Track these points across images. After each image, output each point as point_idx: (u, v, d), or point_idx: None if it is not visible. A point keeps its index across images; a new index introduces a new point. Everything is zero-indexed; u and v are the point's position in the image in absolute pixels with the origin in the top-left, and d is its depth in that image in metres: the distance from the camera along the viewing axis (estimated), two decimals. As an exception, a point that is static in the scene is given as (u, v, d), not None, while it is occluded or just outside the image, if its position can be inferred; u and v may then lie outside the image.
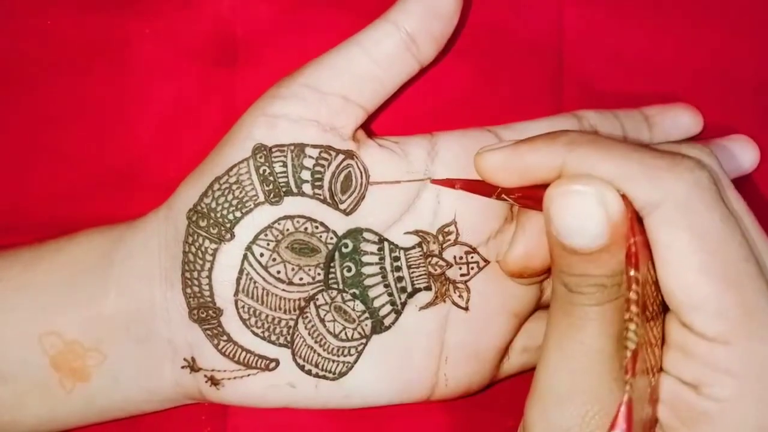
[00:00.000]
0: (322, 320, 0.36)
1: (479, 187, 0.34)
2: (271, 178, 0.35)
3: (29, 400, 0.35)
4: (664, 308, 0.30)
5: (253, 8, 0.41)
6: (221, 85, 0.41)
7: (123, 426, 0.39)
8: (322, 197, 0.35)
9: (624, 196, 0.29)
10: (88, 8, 0.40)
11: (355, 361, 0.36)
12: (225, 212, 0.35)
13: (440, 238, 0.37)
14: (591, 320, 0.29)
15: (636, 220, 0.29)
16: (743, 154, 0.41)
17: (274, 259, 0.35)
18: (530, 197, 0.33)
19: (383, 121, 0.40)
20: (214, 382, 0.35)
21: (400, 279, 0.36)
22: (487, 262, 0.37)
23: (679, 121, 0.41)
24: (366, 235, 0.36)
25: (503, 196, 0.33)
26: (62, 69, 0.40)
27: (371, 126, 0.40)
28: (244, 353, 0.35)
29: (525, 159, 0.32)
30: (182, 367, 0.35)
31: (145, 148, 0.41)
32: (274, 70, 0.37)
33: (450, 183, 0.35)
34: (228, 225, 0.35)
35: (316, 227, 0.35)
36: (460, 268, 0.37)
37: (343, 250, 0.36)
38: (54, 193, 0.40)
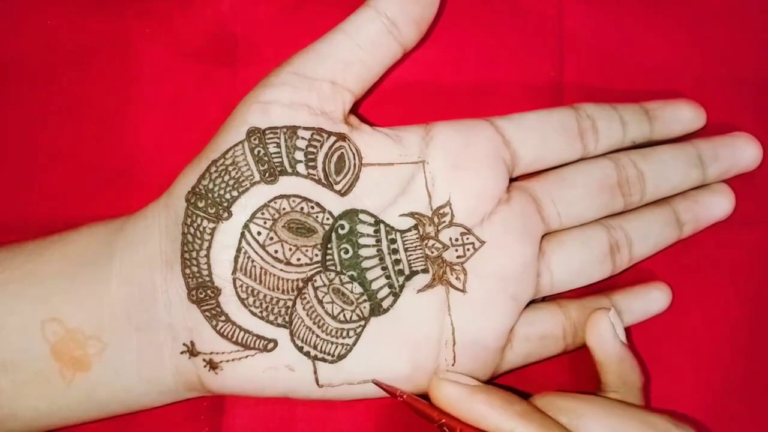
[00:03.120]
0: (320, 302, 0.36)
1: (423, 407, 0.36)
2: (266, 159, 0.35)
3: (29, 391, 0.35)
4: None
5: (253, 8, 0.42)
6: (221, 85, 0.42)
7: (122, 425, 0.39)
8: (316, 177, 0.36)
9: None
10: (88, 8, 0.41)
11: (354, 343, 0.36)
12: (222, 192, 0.35)
13: (435, 220, 0.37)
14: None
15: None
16: (746, 151, 0.42)
17: (272, 238, 0.35)
18: None
19: (382, 117, 0.41)
20: (212, 365, 0.35)
21: (397, 261, 0.36)
22: (482, 243, 0.37)
23: (681, 115, 0.41)
24: (362, 216, 0.36)
25: (444, 428, 0.35)
26: (62, 69, 0.41)
27: (369, 120, 0.40)
28: (242, 333, 0.35)
29: (478, 409, 0.34)
30: (181, 353, 0.35)
31: (146, 148, 0.41)
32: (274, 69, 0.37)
33: (393, 391, 0.36)
34: (225, 204, 0.35)
35: (312, 207, 0.36)
36: (456, 250, 0.37)
37: (340, 231, 0.36)
38: (54, 193, 0.41)
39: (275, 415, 0.40)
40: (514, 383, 0.41)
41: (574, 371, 0.42)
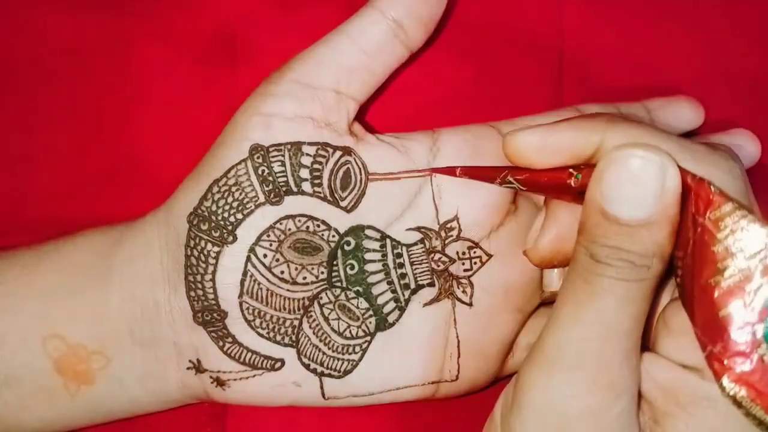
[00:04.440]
0: (326, 319, 0.36)
1: (482, 173, 0.35)
2: (271, 179, 0.35)
3: (33, 404, 0.35)
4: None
5: (253, 8, 0.41)
6: (221, 85, 0.41)
7: (123, 426, 0.39)
8: (322, 195, 0.35)
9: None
10: (87, 8, 0.40)
11: (360, 359, 0.36)
12: (226, 215, 0.35)
13: (442, 233, 0.37)
14: (614, 294, 0.28)
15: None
16: (744, 148, 0.41)
17: (278, 260, 0.35)
18: (537, 182, 0.32)
19: (384, 119, 0.40)
20: (219, 383, 0.35)
21: (403, 276, 0.36)
22: (489, 256, 0.37)
23: (681, 113, 0.41)
24: (368, 232, 0.36)
25: (509, 178, 0.33)
26: (62, 69, 0.40)
27: (372, 124, 0.40)
28: (249, 354, 0.35)
29: (562, 136, 0.31)
30: (187, 369, 0.35)
31: (145, 148, 0.41)
32: (274, 70, 0.37)
33: (451, 171, 0.36)
34: (230, 227, 0.35)
35: (318, 225, 0.35)
36: (463, 264, 0.37)
37: (346, 248, 0.36)
38: (54, 193, 0.40)
39: (279, 417, 0.40)
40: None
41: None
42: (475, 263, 0.37)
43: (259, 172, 0.35)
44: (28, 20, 0.41)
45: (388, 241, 0.36)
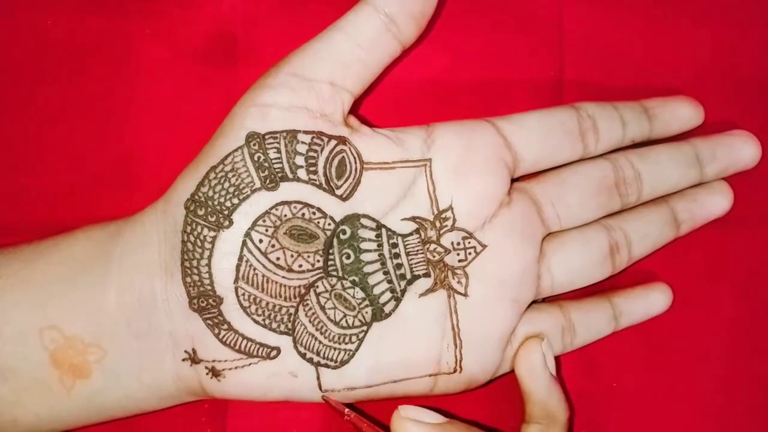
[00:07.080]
0: (322, 308, 0.36)
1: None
2: (266, 165, 0.35)
3: (29, 398, 0.35)
4: None
5: (253, 8, 0.42)
6: (221, 85, 0.41)
7: (122, 428, 0.39)
8: (317, 182, 0.36)
9: None
10: (88, 8, 0.41)
11: (357, 349, 0.36)
12: (222, 200, 0.35)
13: (437, 224, 0.37)
14: None
15: None
16: (744, 149, 0.41)
17: (273, 246, 0.35)
18: None
19: (382, 117, 0.41)
20: (215, 373, 0.35)
21: (399, 266, 0.36)
22: (483, 246, 0.37)
23: (679, 112, 0.41)
24: (364, 221, 0.36)
25: None
26: (62, 69, 0.41)
27: (369, 120, 0.40)
28: (245, 341, 0.35)
29: None
30: (183, 360, 0.35)
31: (146, 148, 0.41)
32: (273, 67, 0.37)
33: (341, 409, 0.36)
34: (226, 212, 0.35)
35: (314, 213, 0.36)
36: (458, 254, 0.37)
37: (342, 236, 0.36)
38: (54, 193, 0.41)
39: (279, 417, 0.40)
40: (514, 382, 0.41)
41: (577, 372, 0.42)
42: (470, 254, 0.37)
43: (255, 159, 0.35)
44: (28, 20, 0.41)
45: (383, 230, 0.36)
